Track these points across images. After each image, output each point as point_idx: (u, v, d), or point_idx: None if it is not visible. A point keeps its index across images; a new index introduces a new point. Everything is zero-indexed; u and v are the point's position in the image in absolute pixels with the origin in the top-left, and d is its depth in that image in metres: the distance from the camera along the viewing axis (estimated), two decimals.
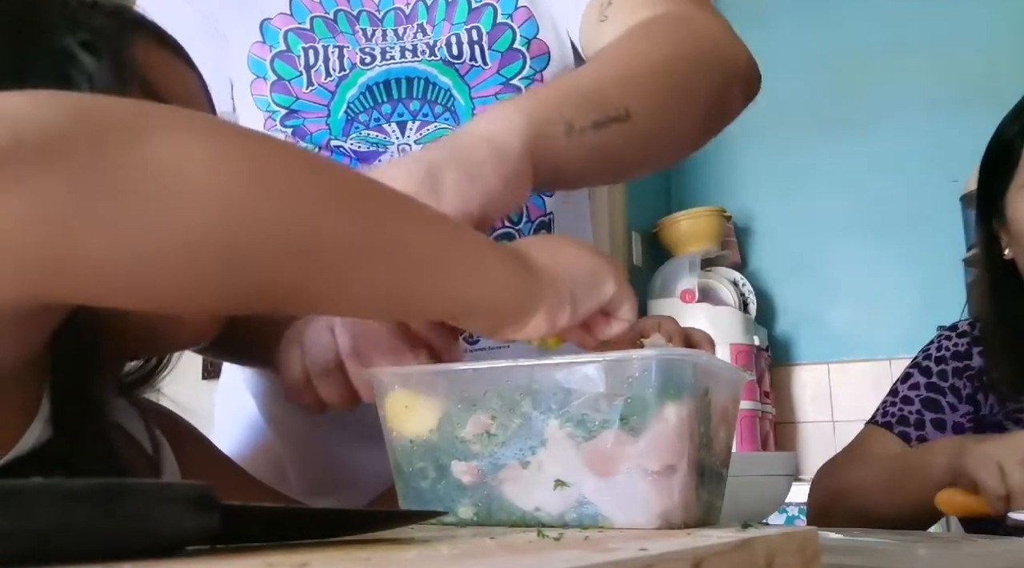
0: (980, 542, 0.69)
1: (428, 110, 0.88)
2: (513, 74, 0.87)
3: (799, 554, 0.39)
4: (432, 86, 0.88)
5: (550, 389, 0.46)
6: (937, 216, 2.74)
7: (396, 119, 0.88)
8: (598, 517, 0.45)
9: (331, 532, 0.38)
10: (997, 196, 1.11)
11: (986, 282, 1.15)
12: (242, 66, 0.91)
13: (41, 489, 0.29)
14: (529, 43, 0.88)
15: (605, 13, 0.84)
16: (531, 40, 0.88)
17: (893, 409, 1.13)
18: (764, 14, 3.23)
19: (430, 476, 0.49)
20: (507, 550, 0.34)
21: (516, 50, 0.88)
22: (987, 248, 1.15)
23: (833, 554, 0.54)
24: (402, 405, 0.50)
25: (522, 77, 0.87)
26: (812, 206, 3.04)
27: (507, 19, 0.88)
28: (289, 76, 0.89)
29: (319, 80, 0.89)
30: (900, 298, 2.83)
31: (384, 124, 0.88)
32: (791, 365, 3.07)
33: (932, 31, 2.96)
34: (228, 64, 0.92)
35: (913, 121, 2.94)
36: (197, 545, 0.33)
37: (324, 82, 0.89)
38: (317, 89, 0.89)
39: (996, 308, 1.12)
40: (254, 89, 0.91)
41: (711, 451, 0.47)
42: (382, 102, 0.88)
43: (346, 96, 0.88)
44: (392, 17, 0.90)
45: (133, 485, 0.31)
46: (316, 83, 0.89)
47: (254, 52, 0.90)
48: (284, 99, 0.89)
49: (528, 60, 0.88)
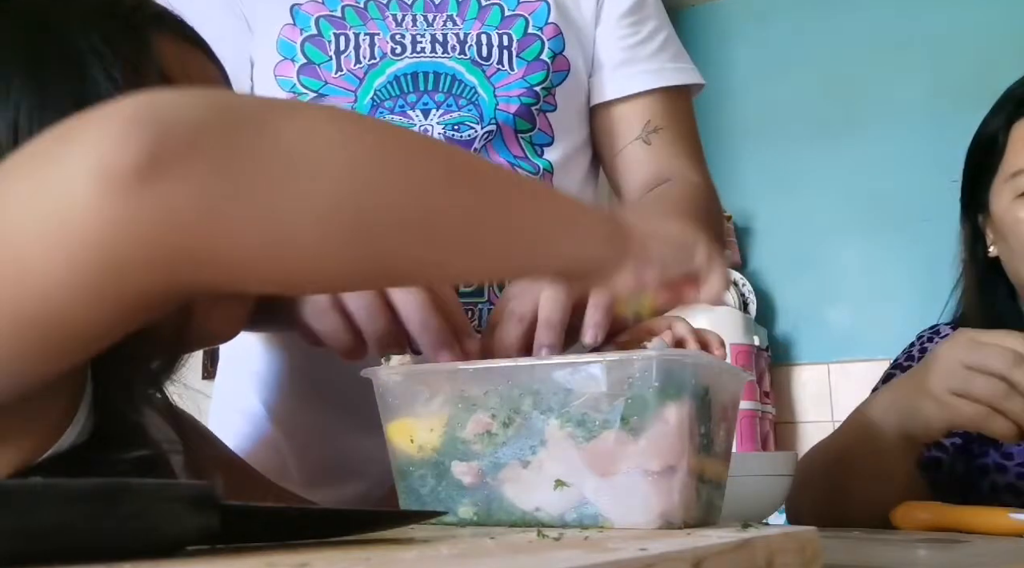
0: (980, 542, 0.69)
1: (452, 102, 0.92)
2: (536, 82, 0.94)
3: (799, 554, 0.39)
4: (458, 83, 0.93)
5: (551, 389, 0.46)
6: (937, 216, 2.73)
7: (421, 107, 0.92)
8: (598, 517, 0.45)
9: (331, 532, 0.38)
10: (982, 191, 1.09)
11: (971, 281, 1.13)
12: (269, 47, 0.94)
13: (41, 489, 0.29)
14: (555, 57, 0.95)
15: (649, 138, 0.98)
16: (557, 55, 0.95)
17: None
18: (764, 14, 3.23)
19: (431, 478, 0.50)
20: (507, 550, 0.34)
21: (542, 61, 0.94)
22: (971, 246, 1.14)
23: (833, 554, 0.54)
24: (407, 437, 0.50)
25: (543, 87, 0.94)
26: (812, 206, 3.04)
27: (538, 31, 0.95)
28: (319, 60, 0.93)
29: (348, 66, 0.92)
30: (900, 298, 2.83)
31: (409, 110, 0.92)
32: (791, 365, 3.07)
33: (932, 31, 2.96)
34: (250, 44, 0.95)
35: (913, 121, 2.94)
36: (197, 545, 0.33)
37: (353, 68, 0.92)
38: (346, 75, 0.92)
39: (982, 308, 1.10)
40: (279, 70, 0.93)
41: (711, 451, 0.47)
42: (408, 92, 0.92)
43: (374, 83, 0.92)
44: (421, 3, 0.95)
45: (133, 485, 0.31)
46: (345, 69, 0.93)
47: (284, 34, 0.93)
48: (313, 83, 0.92)
49: (551, 72, 0.95)
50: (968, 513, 0.81)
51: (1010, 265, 1.06)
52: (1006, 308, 1.09)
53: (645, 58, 1.00)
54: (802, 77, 3.10)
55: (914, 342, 1.16)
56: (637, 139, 0.99)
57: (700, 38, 3.11)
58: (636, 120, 1.00)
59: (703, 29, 3.22)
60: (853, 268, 2.99)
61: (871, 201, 2.97)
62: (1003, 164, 1.06)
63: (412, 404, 0.51)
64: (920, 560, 0.58)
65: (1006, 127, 1.06)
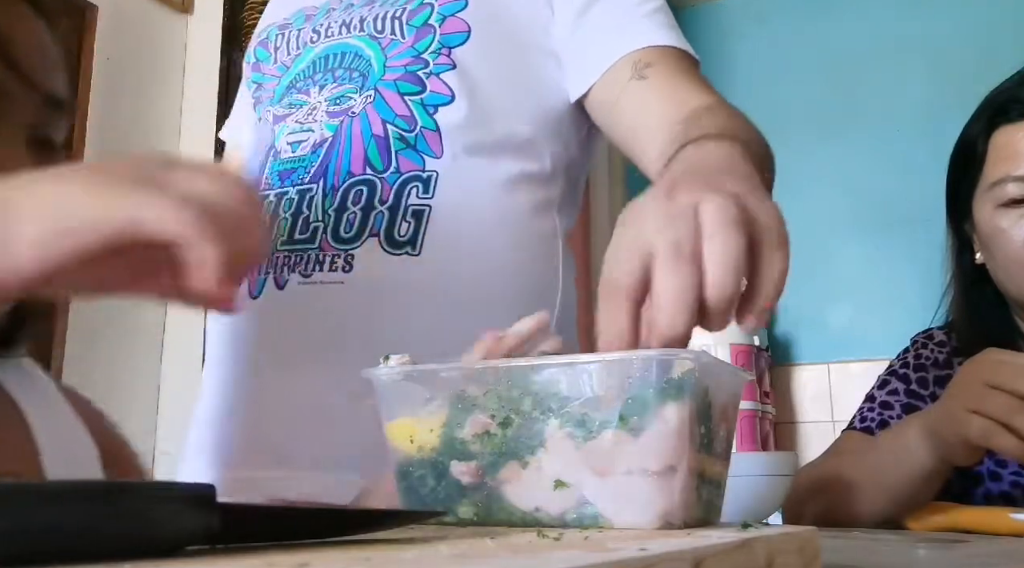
0: (980, 542, 0.68)
1: (346, 75, 0.98)
2: (424, 47, 0.95)
3: (799, 554, 0.39)
4: (357, 57, 0.98)
5: (550, 389, 0.46)
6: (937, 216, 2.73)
7: (320, 83, 0.99)
8: (598, 517, 0.45)
9: (331, 532, 0.38)
10: (966, 199, 1.07)
11: (959, 288, 1.11)
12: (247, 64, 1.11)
13: (41, 489, 0.29)
14: (444, 19, 0.96)
15: (644, 73, 0.91)
16: (447, 17, 0.96)
17: (872, 414, 1.08)
18: (764, 14, 3.23)
19: (430, 478, 0.49)
20: (507, 550, 0.34)
21: (430, 25, 0.96)
22: (958, 253, 1.12)
23: (833, 554, 0.54)
24: (407, 437, 0.50)
25: (431, 50, 0.95)
26: (812, 206, 3.04)
27: (432, 1, 0.97)
28: (262, 58, 1.07)
29: (281, 58, 1.05)
30: (900, 298, 2.83)
31: (311, 87, 0.99)
32: (791, 365, 3.06)
33: (932, 31, 2.96)
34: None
35: (913, 121, 2.94)
36: (197, 545, 0.33)
37: (285, 59, 1.04)
38: (279, 65, 1.05)
39: (970, 314, 1.08)
40: (245, 73, 1.11)
41: (711, 451, 0.47)
42: (320, 72, 1.00)
43: (297, 68, 1.02)
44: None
45: (133, 485, 0.31)
46: (279, 61, 1.05)
47: (250, 45, 1.10)
48: (257, 77, 1.07)
49: (438, 35, 0.95)
50: (968, 513, 0.81)
51: (995, 274, 1.05)
52: (993, 315, 1.07)
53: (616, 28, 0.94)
54: (802, 77, 3.10)
55: (908, 347, 1.15)
56: (630, 80, 0.91)
57: (700, 38, 3.11)
58: (624, 69, 0.92)
59: (703, 29, 3.22)
60: (853, 268, 2.99)
61: (871, 201, 2.96)
62: (984, 173, 1.04)
63: (411, 404, 0.51)
64: (920, 560, 0.58)
65: (986, 136, 1.04)
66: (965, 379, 0.83)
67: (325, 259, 0.91)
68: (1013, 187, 0.99)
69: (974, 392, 0.80)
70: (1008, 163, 1.00)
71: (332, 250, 0.91)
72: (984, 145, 1.04)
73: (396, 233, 0.90)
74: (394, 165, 0.92)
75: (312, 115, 0.97)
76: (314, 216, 0.92)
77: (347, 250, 0.90)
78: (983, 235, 1.04)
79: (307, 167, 0.94)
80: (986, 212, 1.03)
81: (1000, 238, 1.00)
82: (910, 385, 1.09)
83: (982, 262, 1.07)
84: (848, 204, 3.00)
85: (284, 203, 0.94)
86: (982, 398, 0.79)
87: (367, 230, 0.90)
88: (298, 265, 0.91)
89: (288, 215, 0.94)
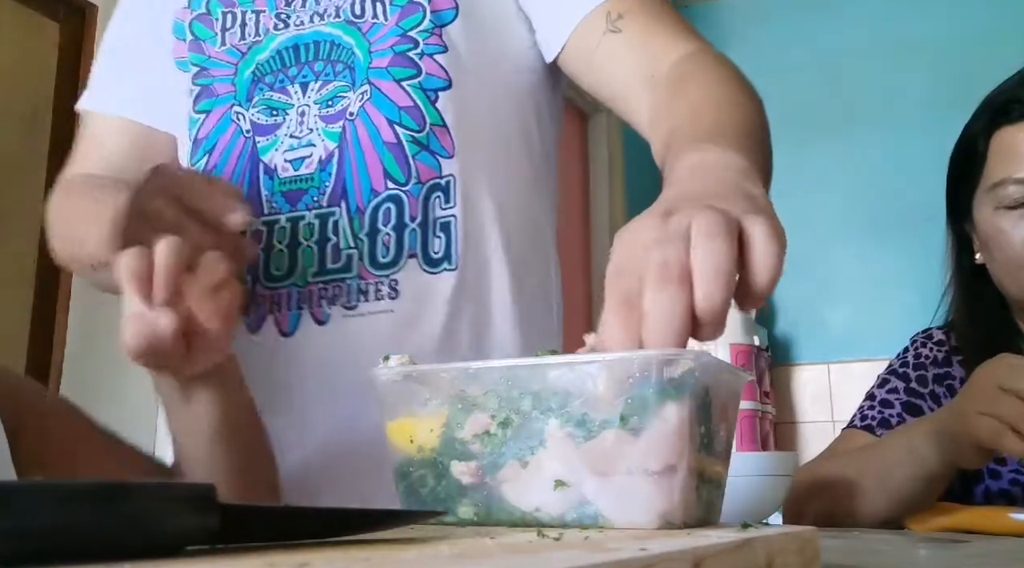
0: (980, 542, 0.68)
1: (330, 70, 0.91)
2: (412, 26, 0.90)
3: (799, 554, 0.39)
4: (336, 47, 0.91)
5: (550, 389, 0.46)
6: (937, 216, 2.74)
7: (300, 80, 0.91)
8: (598, 517, 0.45)
9: (331, 532, 0.38)
10: (966, 199, 1.07)
11: (959, 288, 1.11)
12: (168, 33, 0.97)
13: (41, 489, 0.29)
14: None
15: (617, 25, 0.87)
16: None
17: (872, 412, 1.08)
18: (764, 14, 3.23)
19: (430, 478, 0.49)
20: (507, 550, 0.34)
21: (416, 3, 0.90)
22: (957, 253, 1.12)
23: (833, 554, 0.54)
24: (406, 437, 0.50)
25: (421, 30, 0.90)
26: (812, 206, 3.04)
27: None
28: (205, 37, 0.96)
29: (232, 41, 0.95)
30: (900, 298, 2.83)
31: (288, 85, 0.91)
32: (791, 365, 3.07)
33: (932, 31, 2.96)
34: (163, 33, 0.99)
35: (913, 121, 2.94)
36: (197, 545, 0.33)
37: (237, 43, 0.94)
38: (229, 49, 0.95)
39: (970, 317, 1.08)
40: (176, 52, 0.97)
41: (711, 451, 0.47)
42: (290, 65, 0.92)
43: (256, 59, 0.93)
44: None
45: (133, 485, 0.31)
46: (229, 44, 0.95)
47: (178, 17, 0.97)
48: (198, 58, 0.95)
49: (428, 13, 0.90)
50: (968, 514, 0.82)
51: (995, 274, 1.05)
52: (993, 315, 1.08)
53: None
54: (802, 77, 3.10)
55: (908, 347, 1.16)
56: (605, 33, 0.87)
57: None
58: (597, 21, 0.87)
59: (703, 29, 3.20)
60: (853, 268, 2.99)
61: (871, 201, 2.97)
62: (984, 174, 1.04)
63: (411, 404, 0.51)
64: (920, 560, 0.58)
65: (986, 136, 1.04)
66: (978, 382, 0.84)
67: (368, 288, 0.86)
68: (1014, 189, 0.99)
69: (987, 395, 0.81)
70: (1009, 165, 1.01)
71: (373, 278, 0.86)
72: (984, 146, 1.04)
73: (431, 251, 0.87)
74: (414, 174, 0.88)
75: (304, 123, 0.90)
76: (344, 242, 0.87)
77: (389, 275, 0.86)
78: (983, 236, 1.04)
79: (320, 187, 0.88)
80: (986, 213, 1.03)
81: (1000, 239, 1.01)
82: (910, 383, 1.10)
83: (982, 262, 1.07)
84: (848, 204, 3.00)
85: (303, 230, 0.88)
86: (994, 401, 0.80)
87: (404, 251, 0.86)
88: (339, 298, 0.87)
89: (313, 244, 0.88)
